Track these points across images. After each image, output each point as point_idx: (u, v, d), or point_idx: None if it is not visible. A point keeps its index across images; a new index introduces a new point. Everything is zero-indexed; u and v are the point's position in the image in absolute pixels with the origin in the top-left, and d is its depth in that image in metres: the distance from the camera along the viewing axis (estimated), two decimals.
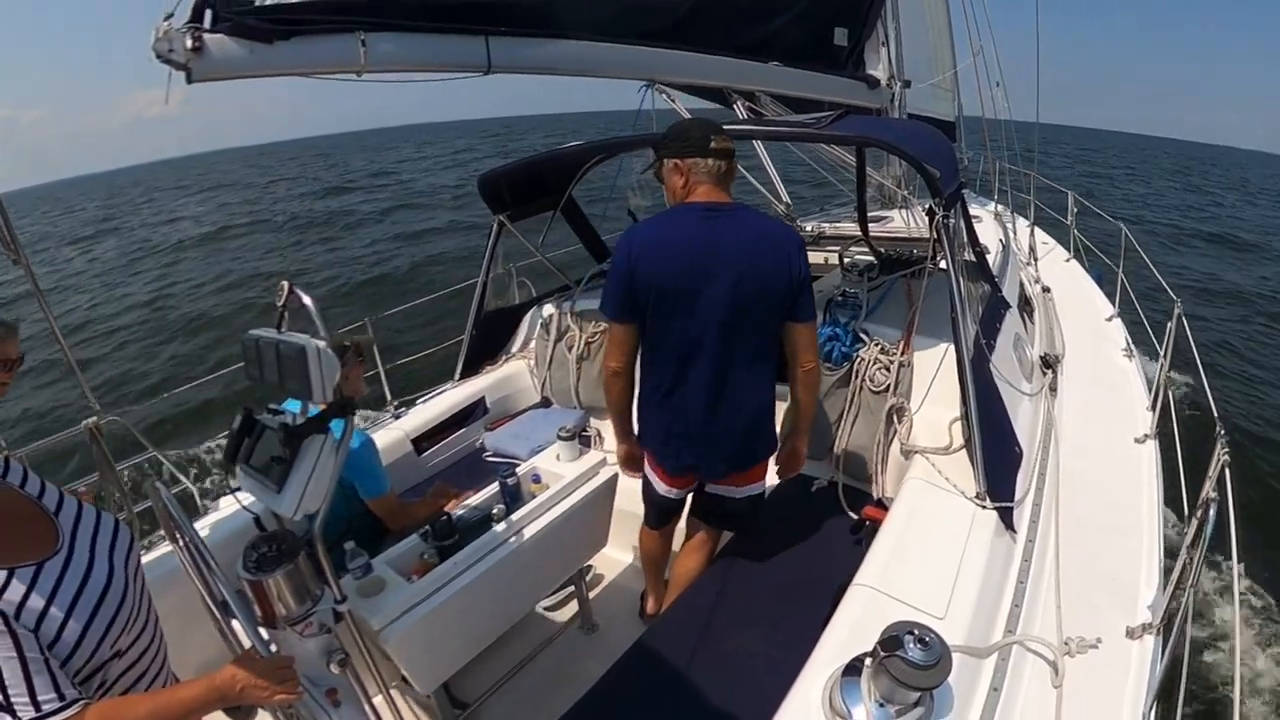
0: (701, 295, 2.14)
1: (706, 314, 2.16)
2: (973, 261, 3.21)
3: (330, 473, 1.61)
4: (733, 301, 2.14)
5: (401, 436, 3.55)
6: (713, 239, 2.13)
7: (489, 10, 2.37)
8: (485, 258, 4.04)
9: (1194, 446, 3.08)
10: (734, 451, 2.41)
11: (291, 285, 1.64)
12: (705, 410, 2.29)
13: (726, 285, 2.13)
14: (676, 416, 2.33)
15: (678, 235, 2.16)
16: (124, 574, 1.41)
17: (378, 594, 2.13)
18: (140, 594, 1.47)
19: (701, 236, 2.13)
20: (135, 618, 1.41)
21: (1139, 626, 1.92)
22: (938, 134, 3.65)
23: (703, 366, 2.23)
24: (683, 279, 2.13)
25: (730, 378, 2.26)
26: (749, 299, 2.15)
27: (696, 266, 2.12)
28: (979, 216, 4.95)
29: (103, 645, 1.29)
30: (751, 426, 2.37)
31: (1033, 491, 2.48)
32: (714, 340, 2.19)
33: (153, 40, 1.63)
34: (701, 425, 2.32)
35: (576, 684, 2.25)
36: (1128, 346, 4.09)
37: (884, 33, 4.61)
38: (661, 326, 2.21)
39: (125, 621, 1.37)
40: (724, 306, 2.15)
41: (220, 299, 15.92)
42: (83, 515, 1.42)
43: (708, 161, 2.17)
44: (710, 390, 2.27)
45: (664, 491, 2.59)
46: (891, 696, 1.46)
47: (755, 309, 2.18)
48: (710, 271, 2.12)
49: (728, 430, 2.34)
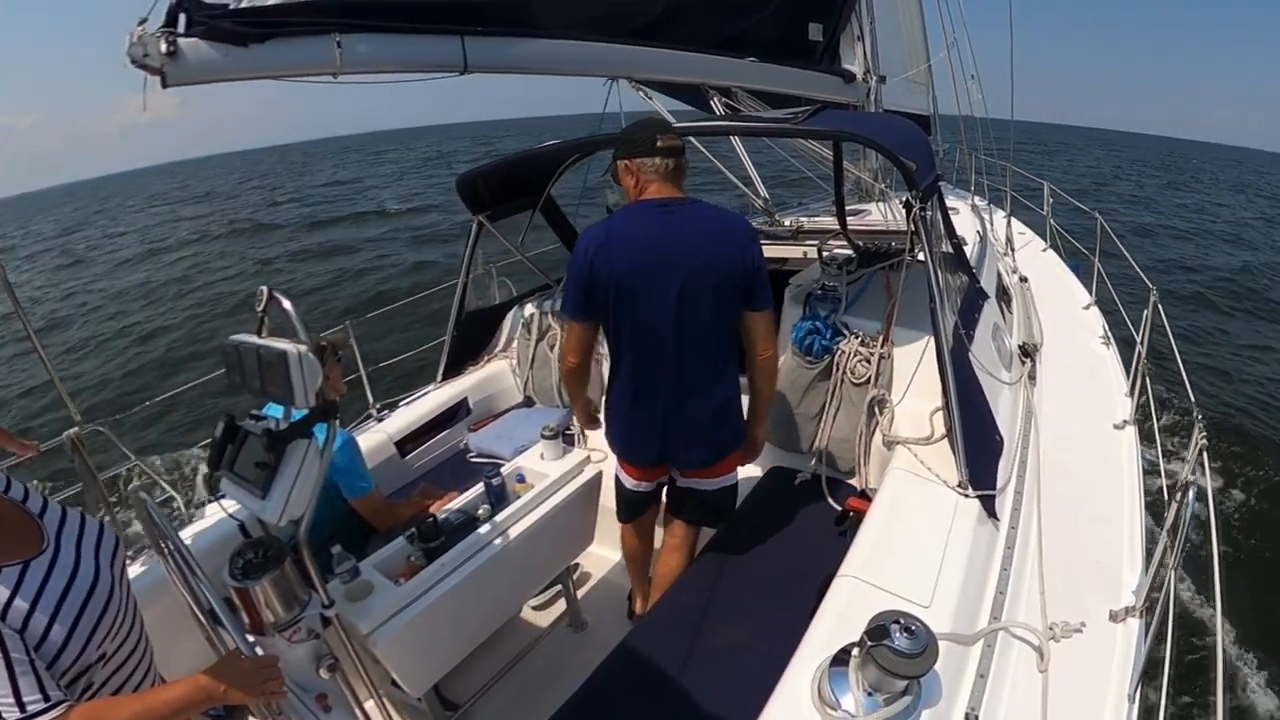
0: (658, 289, 2.21)
1: (664, 306, 2.23)
2: (950, 253, 3.24)
3: (315, 477, 1.61)
4: (689, 293, 2.22)
5: (385, 439, 3.54)
6: (666, 233, 2.21)
7: (465, 10, 2.36)
8: (465, 258, 4.02)
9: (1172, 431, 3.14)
10: (701, 441, 2.47)
11: (271, 291, 1.63)
12: (670, 401, 2.37)
13: (682, 277, 2.20)
14: (642, 409, 2.41)
15: (632, 232, 2.24)
16: (110, 575, 1.40)
17: (365, 598, 2.12)
18: (126, 596, 1.46)
19: (655, 232, 2.21)
20: (121, 620, 1.40)
21: (1122, 610, 1.95)
22: (913, 127, 3.68)
23: (664, 358, 2.31)
24: (639, 275, 2.21)
25: (692, 368, 2.33)
26: (705, 289, 2.22)
27: (652, 261, 2.20)
28: (956, 208, 4.99)
29: (89, 646, 1.29)
30: (717, 415, 2.43)
31: (1014, 479, 2.51)
32: (673, 332, 2.26)
33: (127, 45, 1.61)
34: (666, 416, 2.40)
35: (566, 682, 2.26)
36: (1105, 334, 4.14)
37: (859, 28, 4.62)
38: (622, 322, 2.29)
39: (112, 623, 1.36)
40: (681, 298, 2.22)
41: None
42: (67, 518, 1.41)
43: (655, 160, 2.25)
44: (673, 381, 2.35)
45: (632, 485, 2.66)
46: (879, 685, 1.47)
47: (711, 299, 2.24)
48: (665, 265, 2.20)
49: (694, 420, 2.41)
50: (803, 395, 3.16)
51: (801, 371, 3.16)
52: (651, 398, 2.38)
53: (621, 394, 2.43)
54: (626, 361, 2.37)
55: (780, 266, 4.24)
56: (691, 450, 2.49)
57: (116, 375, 11.84)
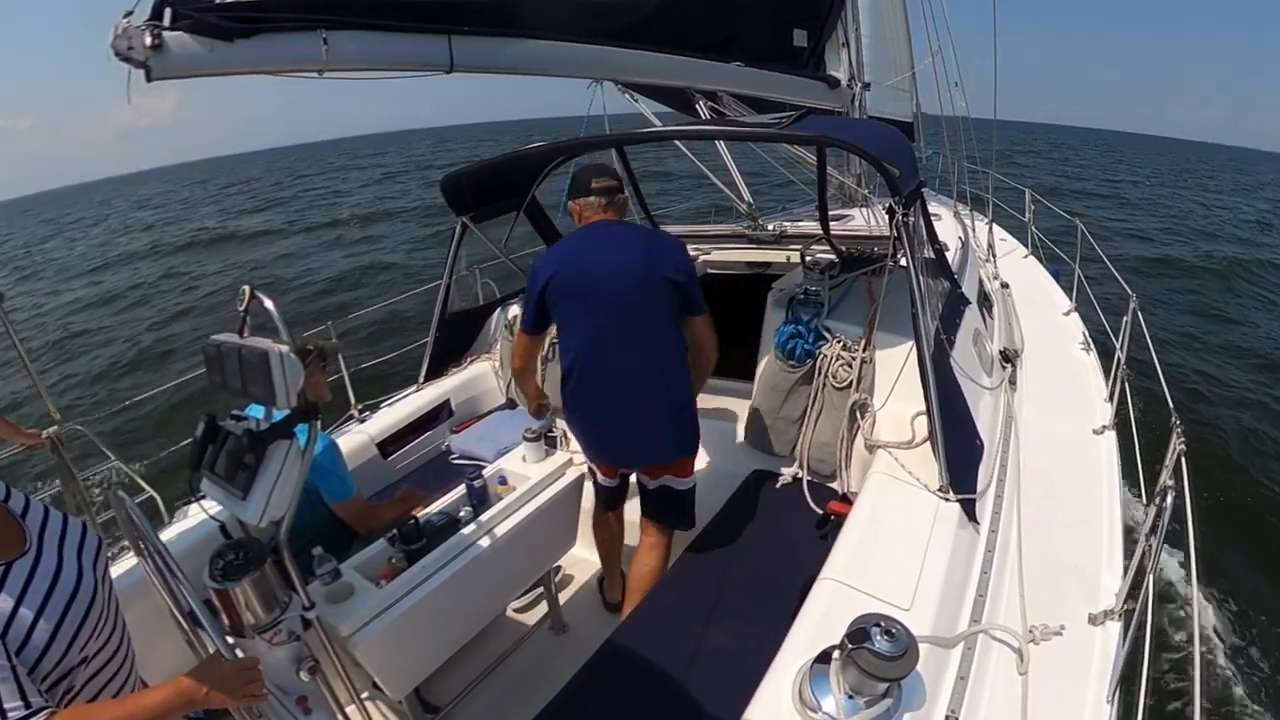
0: (599, 303, 2.50)
1: (606, 316, 2.51)
2: (932, 259, 3.26)
3: (296, 478, 1.60)
4: (624, 303, 2.50)
5: (367, 440, 3.52)
6: (604, 251, 2.56)
7: (452, 9, 2.36)
8: (449, 259, 4.01)
9: (1151, 436, 3.17)
10: (654, 439, 2.66)
11: (254, 290, 1.61)
12: (614, 404, 2.61)
13: (621, 289, 2.49)
14: (590, 411, 2.67)
15: (573, 254, 2.60)
16: (93, 576, 1.38)
17: (346, 600, 2.11)
18: (109, 599, 1.45)
19: (592, 253, 2.56)
20: (104, 623, 1.39)
21: (1101, 613, 1.98)
22: (897, 134, 3.71)
23: (608, 363, 2.55)
24: (581, 290, 2.52)
25: (636, 371, 2.56)
26: (638, 299, 2.51)
27: (591, 277, 2.51)
28: (938, 214, 5.03)
29: (72, 649, 1.27)
30: (669, 413, 2.63)
31: (994, 483, 2.53)
32: (617, 339, 2.52)
33: (111, 38, 1.60)
34: (613, 418, 2.64)
35: (548, 684, 2.25)
36: (1085, 340, 4.19)
37: (844, 34, 4.67)
38: (570, 337, 2.60)
39: (95, 625, 1.35)
40: (621, 308, 2.50)
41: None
42: (50, 519, 1.39)
43: (590, 199, 2.65)
44: (618, 383, 2.58)
45: (601, 480, 2.89)
46: (860, 688, 1.48)
47: (647, 307, 2.52)
48: (605, 279, 2.50)
49: (642, 420, 2.62)
50: (785, 399, 3.18)
51: (784, 375, 3.17)
52: (597, 401, 2.63)
53: (571, 397, 2.67)
54: (574, 367, 2.60)
55: (763, 271, 4.25)
56: (642, 449, 2.71)
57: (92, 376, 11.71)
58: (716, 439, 3.41)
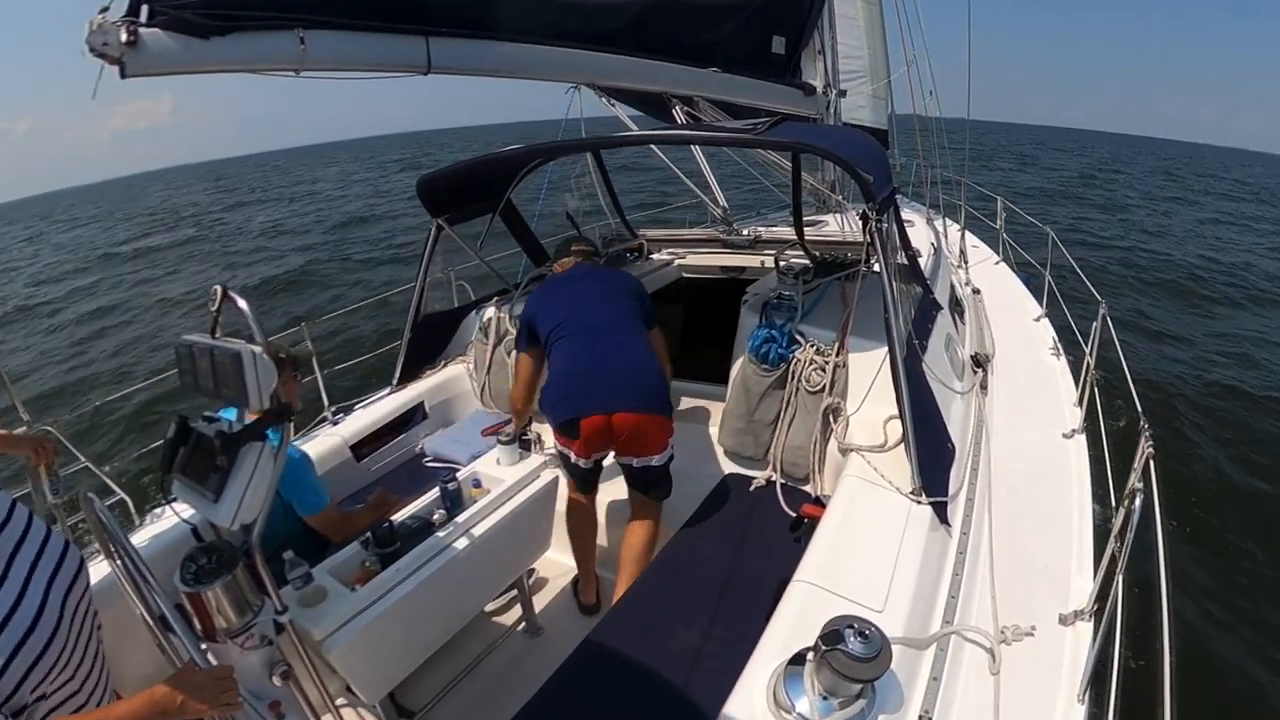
0: (575, 314, 2.98)
1: (583, 317, 2.97)
2: (905, 264, 3.29)
3: (268, 480, 1.58)
4: (598, 306, 3.01)
5: (340, 443, 3.49)
6: (577, 274, 3.24)
7: (430, 11, 2.35)
8: (423, 260, 3.98)
9: (1120, 440, 3.22)
10: (626, 388, 2.82)
11: (226, 290, 1.60)
12: (591, 357, 2.87)
13: (590, 301, 3.03)
14: (572, 372, 2.87)
15: (558, 288, 3.17)
16: (58, 610, 1.31)
17: (319, 604, 2.09)
18: (77, 629, 1.38)
19: (568, 277, 3.23)
20: (67, 656, 1.32)
21: (1071, 614, 2.01)
22: (871, 141, 3.75)
23: (586, 337, 2.91)
24: (564, 306, 3.02)
25: (610, 338, 2.91)
26: (612, 300, 3.04)
27: (570, 300, 3.04)
28: (911, 221, 5.09)
29: (21, 689, 1.21)
30: (639, 368, 2.88)
31: (966, 486, 2.56)
32: (592, 322, 2.95)
33: (86, 33, 1.58)
34: (592, 370, 2.85)
35: (523, 688, 2.24)
36: (1055, 345, 4.25)
37: (820, 42, 4.71)
38: (556, 340, 2.96)
39: (53, 662, 1.28)
40: (592, 309, 3.00)
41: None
42: (28, 537, 1.33)
43: (568, 259, 3.44)
44: (596, 348, 2.88)
45: (575, 460, 2.96)
46: (834, 689, 1.50)
47: (619, 305, 3.02)
48: (579, 301, 3.03)
49: (622, 370, 2.85)
50: (758, 403, 3.20)
51: (757, 379, 3.19)
52: (579, 360, 2.88)
53: (555, 368, 2.93)
54: (559, 352, 2.94)
55: (738, 275, 4.28)
56: (619, 395, 2.82)
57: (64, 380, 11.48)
58: (690, 442, 3.42)
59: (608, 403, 2.79)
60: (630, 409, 2.80)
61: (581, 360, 2.88)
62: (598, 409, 2.80)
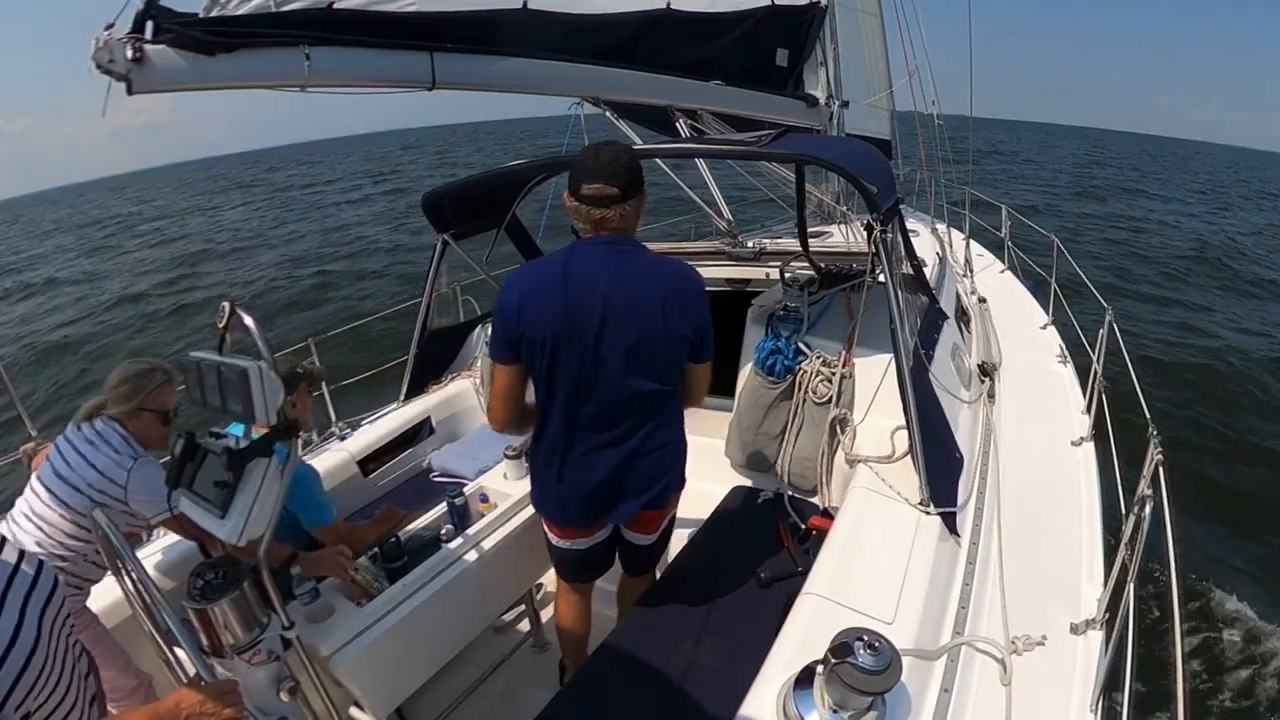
0: (599, 341, 1.99)
1: (606, 362, 2.01)
2: (910, 274, 3.29)
3: (275, 496, 1.58)
4: (636, 346, 2.01)
5: (347, 458, 3.49)
6: (607, 279, 1.98)
7: (434, 27, 2.37)
8: (429, 276, 3.99)
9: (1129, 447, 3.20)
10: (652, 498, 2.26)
11: (234, 306, 1.61)
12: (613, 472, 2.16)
13: (628, 329, 1.99)
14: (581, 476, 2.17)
15: (554, 275, 2.00)
16: (35, 627, 1.28)
17: (327, 619, 2.09)
18: (56, 648, 1.34)
19: (593, 278, 1.98)
20: (48, 675, 1.28)
21: (1083, 623, 1.99)
22: (875, 151, 3.75)
23: (608, 418, 2.10)
24: (561, 324, 1.96)
25: (641, 426, 2.14)
26: (652, 341, 2.02)
27: (590, 309, 1.97)
28: (916, 230, 5.09)
29: (5, 707, 1.18)
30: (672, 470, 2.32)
31: (974, 496, 2.54)
32: (619, 388, 2.05)
33: (93, 50, 1.59)
34: (612, 483, 2.18)
35: (530, 703, 2.23)
36: (1062, 353, 4.24)
37: (822, 54, 4.72)
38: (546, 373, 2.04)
39: (34, 680, 1.24)
40: (625, 352, 2.01)
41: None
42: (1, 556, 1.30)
43: (578, 206, 2.00)
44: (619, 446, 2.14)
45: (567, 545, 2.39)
46: (845, 702, 1.48)
47: (658, 351, 2.05)
48: (606, 314, 1.97)
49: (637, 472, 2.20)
50: (765, 415, 3.19)
51: (764, 391, 3.19)
52: (591, 455, 2.14)
53: (547, 449, 2.18)
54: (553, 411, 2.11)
55: (743, 287, 4.28)
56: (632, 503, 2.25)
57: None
58: (697, 455, 3.40)
59: (621, 513, 2.28)
60: (648, 510, 2.32)
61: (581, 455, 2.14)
62: (604, 521, 2.33)
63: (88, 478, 2.20)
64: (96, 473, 2.20)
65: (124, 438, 2.29)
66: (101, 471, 2.20)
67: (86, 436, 2.28)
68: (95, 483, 2.19)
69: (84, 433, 2.29)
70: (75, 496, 2.18)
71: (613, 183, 1.95)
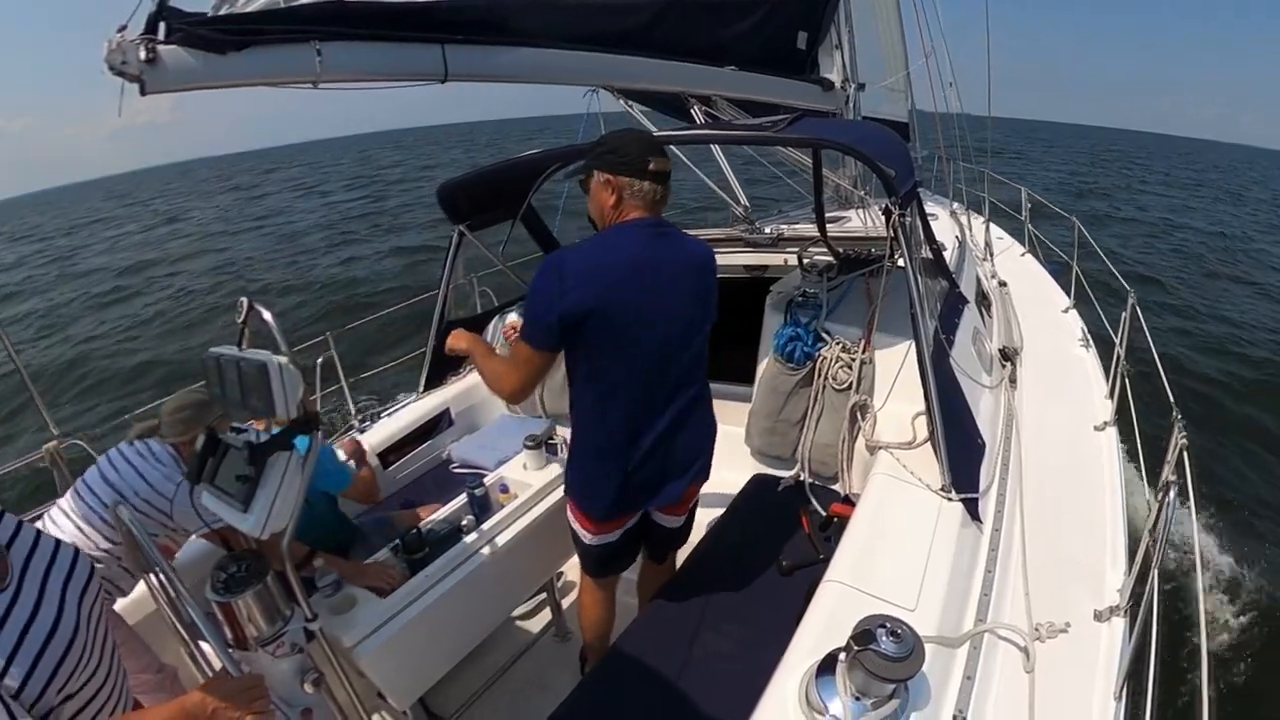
0: (657, 323, 2.02)
1: (671, 344, 2.06)
2: (930, 259, 3.26)
3: (297, 489, 1.59)
4: (691, 326, 2.11)
5: (367, 450, 3.51)
6: (664, 262, 2.03)
7: (445, 18, 2.36)
8: (445, 268, 4.00)
9: (1152, 431, 3.16)
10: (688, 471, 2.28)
11: (251, 302, 1.62)
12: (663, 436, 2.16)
13: (686, 311, 2.08)
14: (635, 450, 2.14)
15: (622, 258, 1.99)
16: (75, 614, 1.34)
17: (349, 611, 2.11)
18: (94, 632, 1.40)
19: (651, 259, 2.01)
20: (87, 659, 1.34)
21: (1106, 609, 1.97)
22: (892, 135, 3.71)
23: (671, 400, 2.13)
24: (636, 308, 1.98)
25: (694, 404, 2.21)
26: (697, 324, 2.14)
27: (657, 293, 2.00)
28: (935, 214, 5.04)
29: (49, 690, 1.23)
30: (710, 446, 2.37)
31: (996, 482, 2.52)
32: (680, 369, 2.11)
33: (105, 53, 1.60)
34: (658, 452, 2.17)
35: (553, 692, 2.25)
36: (1084, 337, 4.19)
37: (838, 36, 4.67)
38: (613, 361, 2.03)
39: (75, 664, 1.30)
40: (685, 334, 2.09)
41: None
42: (38, 547, 1.36)
43: (644, 184, 2.01)
44: (680, 426, 2.18)
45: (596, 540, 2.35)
46: (867, 690, 1.47)
47: (703, 329, 2.17)
48: (670, 299, 2.03)
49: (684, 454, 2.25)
50: (785, 402, 3.18)
51: (783, 378, 3.18)
52: (646, 434, 2.13)
53: (611, 437, 2.12)
54: (622, 407, 2.08)
55: (761, 274, 4.25)
56: (680, 482, 2.27)
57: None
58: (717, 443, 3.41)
59: (669, 494, 2.27)
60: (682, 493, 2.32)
61: (646, 440, 2.13)
62: (657, 503, 2.32)
63: (137, 488, 2.27)
64: (146, 484, 2.27)
65: (175, 459, 2.38)
66: (152, 484, 2.27)
67: (139, 451, 2.36)
68: (143, 493, 2.26)
69: (136, 448, 2.38)
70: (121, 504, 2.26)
71: (668, 160, 2.06)
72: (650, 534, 2.50)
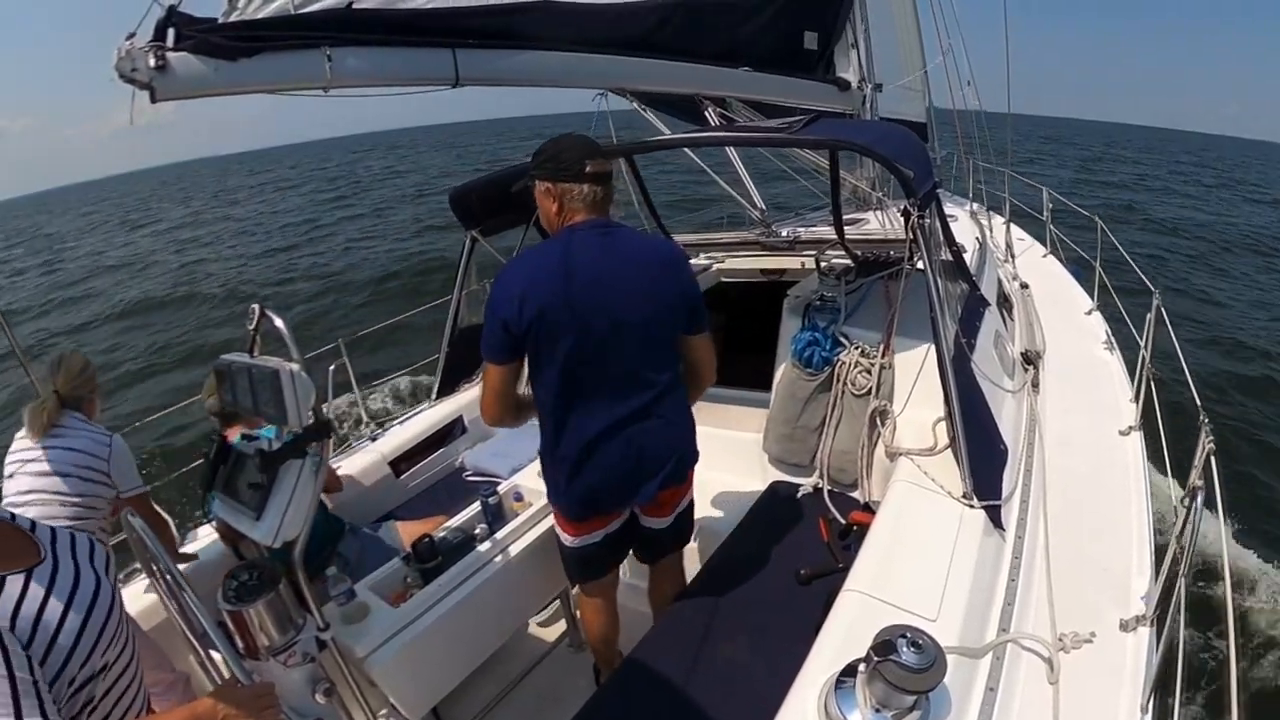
0: (592, 323, 2.01)
1: (618, 342, 2.05)
2: (950, 261, 3.22)
3: (310, 497, 1.59)
4: (643, 324, 2.07)
5: (379, 459, 3.50)
6: (608, 262, 2.04)
7: (456, 23, 2.35)
8: (458, 274, 3.99)
9: (1179, 435, 3.09)
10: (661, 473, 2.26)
11: (263, 309, 1.61)
12: (631, 438, 2.16)
13: (634, 309, 2.05)
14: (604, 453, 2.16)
15: (552, 261, 2.02)
16: (109, 583, 1.37)
17: (362, 620, 2.09)
18: (121, 608, 1.41)
19: (596, 261, 2.02)
20: (121, 631, 1.36)
21: (1132, 618, 1.92)
22: (910, 135, 3.67)
23: (625, 399, 2.13)
24: (568, 308, 1.98)
25: (654, 403, 2.17)
26: (657, 318, 2.10)
27: (598, 293, 2.01)
28: (954, 215, 4.98)
29: (95, 653, 1.25)
30: (681, 442, 2.32)
31: (1019, 488, 2.47)
32: (634, 365, 2.11)
33: (115, 60, 1.60)
34: (629, 453, 2.17)
35: (567, 703, 2.23)
36: (1108, 339, 4.11)
37: (853, 35, 4.63)
38: (548, 362, 2.04)
39: (114, 632, 1.32)
40: (635, 332, 2.07)
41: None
42: (58, 533, 1.37)
43: (582, 188, 2.04)
44: (638, 416, 2.16)
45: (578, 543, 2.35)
46: (887, 701, 1.44)
47: (663, 328, 2.14)
48: (613, 297, 2.02)
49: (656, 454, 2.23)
50: (803, 407, 3.14)
51: (801, 383, 3.14)
52: (613, 438, 2.14)
53: (558, 437, 2.17)
54: (580, 410, 2.12)
55: (778, 277, 4.22)
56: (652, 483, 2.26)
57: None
58: (734, 450, 3.37)
59: (643, 495, 2.28)
60: (666, 489, 2.32)
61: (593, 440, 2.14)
62: (629, 503, 2.34)
63: (74, 460, 2.34)
64: (77, 453, 2.35)
65: (83, 419, 2.47)
66: (82, 450, 2.36)
67: (52, 435, 2.41)
68: (80, 460, 2.34)
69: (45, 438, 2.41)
70: (67, 482, 2.33)
71: (606, 161, 2.10)
72: (636, 535, 2.49)
